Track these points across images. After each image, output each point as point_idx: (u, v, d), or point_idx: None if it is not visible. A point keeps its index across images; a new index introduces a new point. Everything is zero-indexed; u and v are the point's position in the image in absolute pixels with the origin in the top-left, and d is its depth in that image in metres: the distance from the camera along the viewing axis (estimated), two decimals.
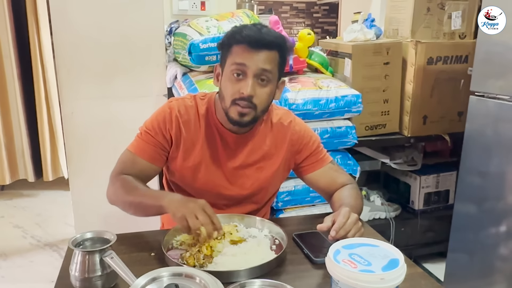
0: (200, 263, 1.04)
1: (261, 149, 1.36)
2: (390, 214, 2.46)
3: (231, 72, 1.22)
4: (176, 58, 2.32)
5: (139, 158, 1.31)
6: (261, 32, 1.21)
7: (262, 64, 1.21)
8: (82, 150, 2.22)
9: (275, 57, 1.24)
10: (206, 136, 1.33)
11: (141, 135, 1.33)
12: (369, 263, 0.84)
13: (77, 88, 2.15)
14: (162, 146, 1.32)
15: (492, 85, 1.85)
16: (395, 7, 2.39)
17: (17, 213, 3.26)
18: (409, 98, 2.28)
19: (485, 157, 1.91)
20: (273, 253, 1.10)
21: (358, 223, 1.14)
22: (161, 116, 1.32)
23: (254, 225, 1.24)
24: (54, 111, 3.41)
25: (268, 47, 1.21)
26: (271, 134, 1.38)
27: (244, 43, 1.20)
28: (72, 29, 2.10)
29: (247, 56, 1.20)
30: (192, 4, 2.55)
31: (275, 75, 1.26)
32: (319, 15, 5.37)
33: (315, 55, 2.30)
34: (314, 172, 1.40)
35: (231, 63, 1.23)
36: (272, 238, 1.19)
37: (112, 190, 1.30)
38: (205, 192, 1.33)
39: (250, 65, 1.20)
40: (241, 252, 1.08)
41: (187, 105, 1.34)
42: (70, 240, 0.98)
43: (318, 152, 1.41)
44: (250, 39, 1.20)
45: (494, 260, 1.91)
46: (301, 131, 1.40)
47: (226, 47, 1.25)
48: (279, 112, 1.41)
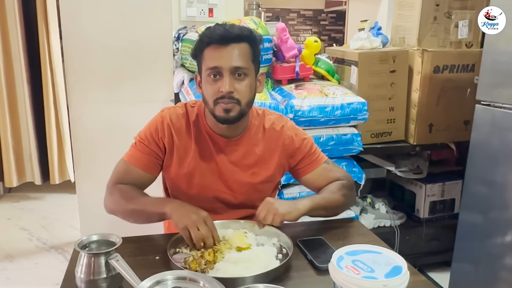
0: (201, 268, 1.05)
1: (254, 154, 1.37)
2: (395, 222, 2.46)
3: (208, 75, 1.25)
4: (184, 64, 2.34)
5: (133, 167, 1.33)
6: (226, 28, 1.24)
7: (234, 62, 1.22)
8: (89, 154, 2.24)
9: (246, 50, 1.26)
10: (198, 143, 1.35)
11: (135, 145, 1.36)
12: (372, 269, 0.85)
13: (86, 92, 2.17)
14: (155, 155, 1.34)
15: (498, 94, 1.85)
16: (402, 15, 2.40)
17: (24, 216, 3.28)
18: (415, 106, 2.28)
19: (491, 166, 1.90)
20: (277, 262, 1.09)
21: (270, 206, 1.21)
22: (153, 126, 1.35)
23: (264, 233, 1.24)
24: (62, 115, 3.44)
25: (235, 40, 1.23)
26: (264, 139, 1.39)
27: (212, 43, 1.23)
28: (82, 34, 2.12)
29: (218, 56, 1.22)
30: (200, 11, 2.57)
31: (251, 69, 1.27)
32: (326, 22, 5.38)
33: (322, 63, 2.31)
34: (309, 174, 1.41)
35: (205, 68, 1.25)
36: (280, 247, 1.18)
37: (111, 200, 1.33)
38: (202, 197, 1.35)
39: (223, 65, 1.22)
40: (243, 260, 1.08)
41: (179, 113, 1.37)
42: (76, 242, 0.99)
43: (311, 153, 1.41)
44: (217, 36, 1.22)
45: (499, 270, 1.89)
46: (293, 135, 1.40)
47: (198, 53, 1.28)
48: (272, 117, 1.42)
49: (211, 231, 1.12)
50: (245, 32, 1.26)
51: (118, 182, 1.34)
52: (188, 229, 1.11)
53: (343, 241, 1.25)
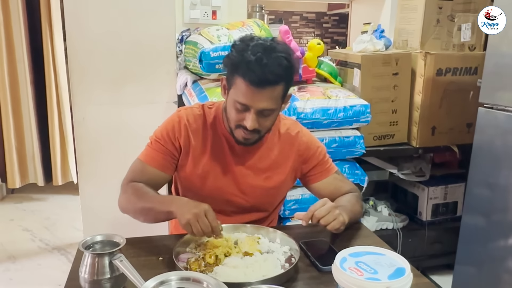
0: (201, 270, 1.05)
1: (268, 158, 1.38)
2: (397, 224, 2.45)
3: (234, 103, 1.22)
4: (187, 65, 2.35)
5: (149, 166, 1.33)
6: (264, 71, 1.15)
7: (264, 105, 1.20)
8: (92, 155, 2.25)
9: (280, 91, 1.22)
10: (214, 145, 1.35)
11: (151, 144, 1.35)
12: (375, 271, 0.85)
13: (89, 93, 2.18)
14: (171, 154, 1.34)
15: (501, 97, 1.85)
16: (405, 18, 2.40)
17: (26, 217, 3.29)
18: (418, 109, 2.28)
19: (494, 169, 1.90)
20: (279, 270, 1.07)
21: (334, 211, 1.19)
22: (170, 125, 1.35)
23: (276, 240, 1.23)
24: (65, 116, 3.45)
25: (272, 84, 1.18)
26: (279, 144, 1.39)
27: (246, 81, 1.17)
28: (86, 36, 2.13)
29: (250, 95, 1.18)
30: (203, 13, 2.58)
31: (279, 105, 1.26)
32: (329, 25, 5.40)
33: (325, 65, 2.31)
34: (320, 182, 1.42)
35: (234, 97, 1.21)
36: (290, 256, 1.16)
37: (124, 198, 1.32)
38: (214, 199, 1.34)
39: (252, 105, 1.20)
40: (244, 265, 1.08)
41: (196, 114, 1.37)
42: (80, 243, 0.99)
43: (324, 162, 1.42)
44: (254, 78, 1.16)
45: (502, 273, 1.89)
46: (308, 142, 1.41)
47: (230, 70, 1.22)
48: (287, 122, 1.43)
49: (210, 224, 1.11)
50: (283, 74, 1.19)
51: (133, 180, 1.33)
52: (190, 224, 1.11)
53: (346, 243, 1.25)
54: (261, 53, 1.16)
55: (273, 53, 1.17)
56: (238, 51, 1.20)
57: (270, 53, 1.17)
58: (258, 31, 2.17)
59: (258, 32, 2.16)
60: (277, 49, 1.19)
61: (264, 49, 1.17)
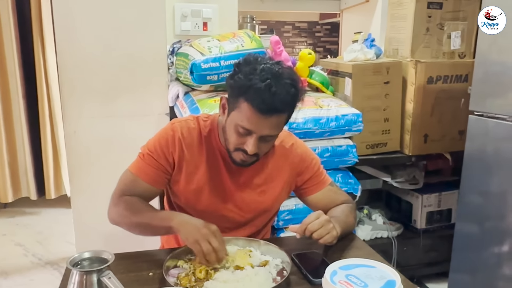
0: (191, 285, 1.04)
1: (263, 172, 1.37)
2: (392, 233, 2.45)
3: (236, 126, 1.19)
4: (178, 77, 2.35)
5: (141, 181, 1.31)
6: (274, 99, 1.12)
7: (268, 131, 1.19)
8: (84, 169, 2.23)
9: (284, 119, 1.21)
10: (209, 159, 1.33)
11: (144, 157, 1.32)
12: (365, 284, 0.84)
13: (80, 106, 2.17)
14: (164, 169, 1.31)
15: (491, 105, 1.86)
16: (395, 27, 2.42)
17: (19, 231, 3.26)
18: (410, 117, 2.29)
19: (486, 176, 1.90)
20: (272, 284, 1.06)
21: (327, 224, 1.19)
22: (163, 139, 1.32)
23: (269, 253, 1.21)
24: (57, 129, 3.44)
25: (278, 112, 1.17)
26: (273, 157, 1.38)
27: (254, 107, 1.14)
28: (76, 49, 2.13)
29: (255, 122, 1.16)
30: (194, 25, 2.58)
31: (281, 130, 1.25)
32: (321, 34, 5.43)
33: (316, 75, 2.32)
34: (314, 194, 1.41)
35: (237, 120, 1.18)
36: (282, 269, 1.14)
37: (116, 211, 1.30)
38: (208, 215, 1.31)
39: (256, 131, 1.17)
40: (234, 280, 1.07)
41: (190, 127, 1.34)
42: (68, 260, 0.98)
43: (318, 174, 1.42)
44: (261, 105, 1.13)
45: (496, 280, 1.89)
46: (303, 154, 1.40)
47: (235, 93, 1.19)
48: (281, 134, 1.40)
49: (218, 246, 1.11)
50: (291, 102, 1.18)
51: (124, 193, 1.31)
52: (199, 243, 1.10)
53: (339, 255, 1.24)
54: (270, 80, 1.13)
55: (281, 80, 1.14)
56: (245, 74, 1.16)
57: (279, 80, 1.14)
58: (249, 42, 2.17)
59: (249, 43, 2.16)
60: (284, 75, 1.16)
61: (273, 75, 1.14)
